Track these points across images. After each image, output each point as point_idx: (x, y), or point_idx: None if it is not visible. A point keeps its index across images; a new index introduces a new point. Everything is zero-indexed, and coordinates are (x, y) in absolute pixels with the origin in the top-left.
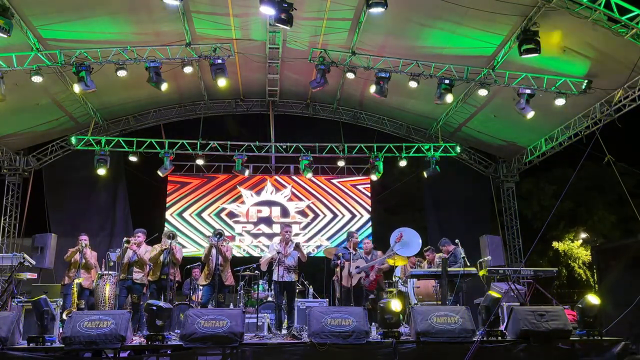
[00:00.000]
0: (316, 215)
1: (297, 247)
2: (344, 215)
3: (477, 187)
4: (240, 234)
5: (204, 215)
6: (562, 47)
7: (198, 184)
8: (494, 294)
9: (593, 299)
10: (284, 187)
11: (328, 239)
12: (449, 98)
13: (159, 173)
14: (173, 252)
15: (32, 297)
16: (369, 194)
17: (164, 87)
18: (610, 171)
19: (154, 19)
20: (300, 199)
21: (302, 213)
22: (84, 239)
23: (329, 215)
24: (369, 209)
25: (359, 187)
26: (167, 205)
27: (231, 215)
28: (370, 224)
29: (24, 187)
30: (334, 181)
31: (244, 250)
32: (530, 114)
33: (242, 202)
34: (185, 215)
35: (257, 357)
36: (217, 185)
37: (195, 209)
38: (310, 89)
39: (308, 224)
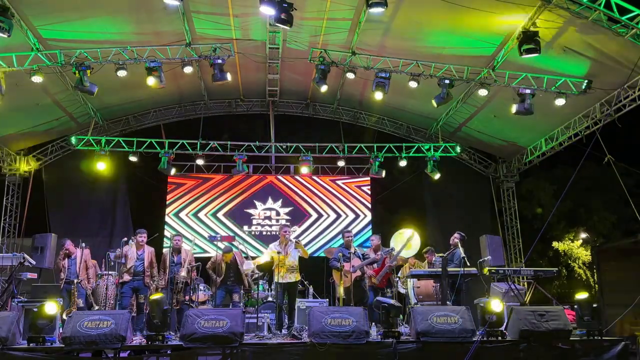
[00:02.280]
0: (315, 216)
1: (297, 244)
2: (343, 216)
3: (477, 187)
4: (254, 225)
5: (204, 215)
6: None
7: (198, 184)
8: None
9: (581, 295)
10: (280, 196)
11: (329, 239)
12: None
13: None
14: None
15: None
16: (369, 194)
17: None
18: (610, 171)
19: (154, 19)
20: (292, 204)
21: (296, 213)
22: (67, 244)
23: (332, 216)
24: (369, 209)
25: (358, 187)
26: (167, 205)
27: (242, 214)
28: (370, 224)
29: (24, 187)
30: (334, 181)
31: (254, 234)
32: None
33: (255, 208)
34: (185, 215)
35: (257, 357)
36: (217, 186)
37: (195, 209)
38: (311, 89)
39: (308, 225)
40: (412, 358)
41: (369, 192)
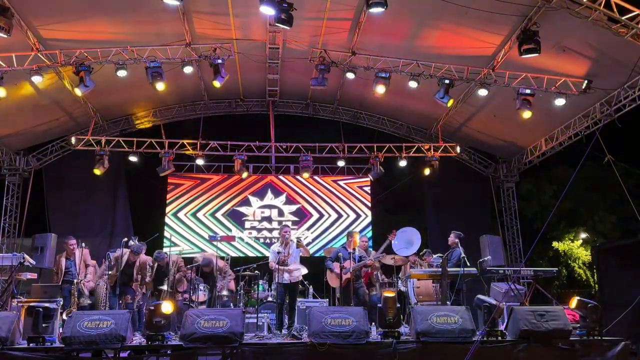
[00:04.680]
0: (316, 216)
1: (299, 243)
2: (344, 216)
3: (477, 187)
4: (248, 229)
5: (204, 215)
6: None
7: (198, 184)
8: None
9: (573, 302)
10: (281, 193)
11: (329, 239)
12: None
13: (160, 173)
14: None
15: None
16: (369, 194)
17: (161, 87)
18: (610, 171)
19: (154, 19)
20: (294, 202)
21: (298, 213)
22: (72, 244)
23: (332, 216)
24: (369, 209)
25: (358, 187)
26: (167, 205)
27: (240, 214)
28: (370, 224)
29: (24, 187)
30: (334, 181)
31: (248, 244)
32: (527, 114)
33: (250, 205)
34: (185, 215)
35: (257, 357)
36: (217, 186)
37: (195, 209)
38: (310, 89)
39: (308, 225)
40: (412, 358)
41: (369, 192)
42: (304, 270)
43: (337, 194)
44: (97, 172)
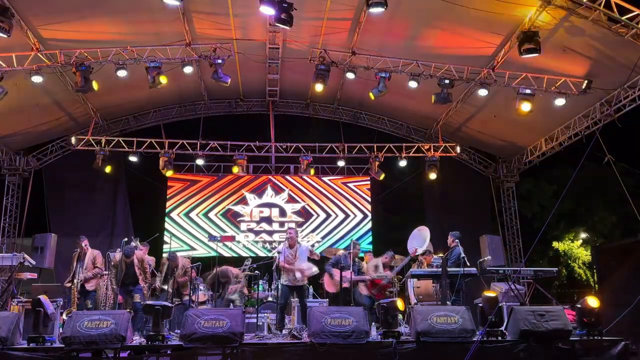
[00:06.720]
0: (315, 216)
1: (312, 253)
2: (343, 215)
3: (477, 187)
4: (244, 231)
5: (206, 215)
6: None
7: (198, 184)
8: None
9: (592, 301)
10: (283, 190)
11: (324, 237)
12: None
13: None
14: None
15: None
16: (369, 194)
17: (163, 81)
18: (610, 171)
19: (154, 19)
20: (297, 201)
21: (299, 213)
22: (83, 244)
23: (331, 216)
24: (369, 209)
25: (359, 187)
26: (167, 205)
27: (235, 215)
28: (370, 224)
29: (24, 187)
30: (334, 181)
31: (245, 246)
32: (527, 107)
33: (246, 204)
34: (186, 215)
35: (257, 357)
36: (217, 186)
37: (196, 209)
38: (310, 89)
39: (308, 224)
40: (412, 358)
41: (369, 192)
42: (315, 269)
43: (337, 194)
44: (108, 169)
